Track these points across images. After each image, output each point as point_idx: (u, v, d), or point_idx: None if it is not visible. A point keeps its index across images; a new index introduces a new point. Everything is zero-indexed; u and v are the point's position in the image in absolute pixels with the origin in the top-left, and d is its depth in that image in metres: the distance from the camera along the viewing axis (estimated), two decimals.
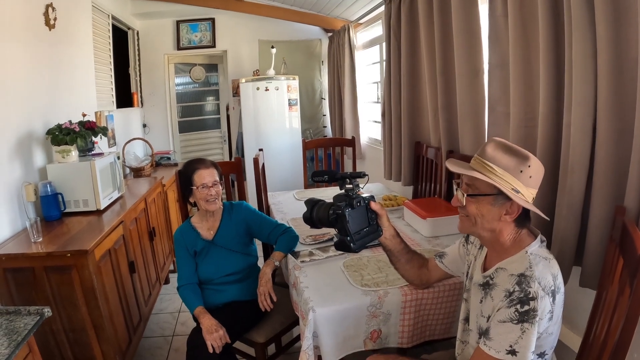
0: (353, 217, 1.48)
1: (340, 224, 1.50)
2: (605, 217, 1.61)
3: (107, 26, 4.49)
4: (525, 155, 1.30)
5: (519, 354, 1.23)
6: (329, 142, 4.53)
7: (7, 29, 2.53)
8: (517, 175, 1.29)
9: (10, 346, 1.42)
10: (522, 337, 1.21)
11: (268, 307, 2.16)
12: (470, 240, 1.63)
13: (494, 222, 1.34)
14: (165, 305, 3.67)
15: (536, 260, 1.27)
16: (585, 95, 1.61)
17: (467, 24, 2.48)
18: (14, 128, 2.55)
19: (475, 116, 2.56)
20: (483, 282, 1.40)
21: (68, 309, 2.20)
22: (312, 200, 1.69)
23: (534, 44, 1.95)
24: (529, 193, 1.30)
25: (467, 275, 1.57)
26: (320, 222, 1.62)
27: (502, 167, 1.30)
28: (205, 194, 2.25)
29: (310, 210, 1.65)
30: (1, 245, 2.26)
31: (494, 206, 1.33)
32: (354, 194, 1.52)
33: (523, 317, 1.20)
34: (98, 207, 2.77)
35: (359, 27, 5.10)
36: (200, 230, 2.35)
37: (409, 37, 3.27)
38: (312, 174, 1.67)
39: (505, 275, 1.30)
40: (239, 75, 5.77)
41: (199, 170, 2.27)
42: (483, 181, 1.33)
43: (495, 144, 1.35)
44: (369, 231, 1.51)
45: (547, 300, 1.22)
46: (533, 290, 1.21)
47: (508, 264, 1.32)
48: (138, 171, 4.35)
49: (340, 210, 1.48)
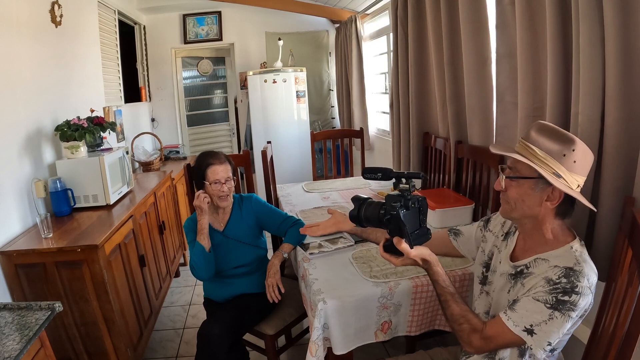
0: (408, 219, 1.42)
1: (395, 226, 1.44)
2: (614, 207, 1.59)
3: (114, 22, 4.49)
4: (570, 139, 1.25)
5: (536, 336, 1.22)
6: (337, 134, 4.51)
7: (13, 27, 2.54)
8: (559, 159, 1.24)
9: (22, 341, 1.44)
10: (547, 322, 1.20)
11: (276, 299, 2.17)
12: (490, 228, 1.60)
13: (534, 207, 1.31)
14: (176, 298, 3.70)
15: (583, 258, 1.25)
16: (593, 84, 1.59)
17: (475, 13, 2.45)
18: (23, 125, 2.57)
19: (483, 106, 2.54)
20: (515, 272, 1.37)
21: (79, 303, 2.23)
22: (359, 198, 1.61)
23: (541, 33, 1.92)
24: (572, 179, 1.25)
25: (487, 268, 1.54)
26: (367, 221, 1.54)
27: (545, 150, 1.26)
28: (218, 190, 2.24)
29: (358, 209, 1.57)
30: (12, 242, 2.29)
31: (535, 191, 1.29)
32: (409, 195, 1.45)
33: (558, 305, 1.19)
34: (108, 202, 2.80)
35: (366, 17, 5.06)
36: (210, 221, 2.34)
37: (416, 27, 3.24)
38: (363, 170, 1.59)
39: (546, 266, 1.27)
40: (246, 68, 5.76)
41: (212, 165, 2.25)
42: (524, 164, 1.29)
43: (540, 126, 1.31)
44: (419, 234, 1.45)
45: (590, 298, 1.21)
46: (581, 285, 1.19)
47: (551, 256, 1.29)
48: (147, 165, 4.38)
49: (395, 212, 1.42)
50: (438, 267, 1.45)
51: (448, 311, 1.42)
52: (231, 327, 2.12)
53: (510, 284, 1.38)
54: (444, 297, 1.43)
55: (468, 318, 1.37)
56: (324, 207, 2.87)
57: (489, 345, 1.33)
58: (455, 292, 1.44)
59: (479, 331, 1.34)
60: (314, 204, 3.01)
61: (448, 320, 1.42)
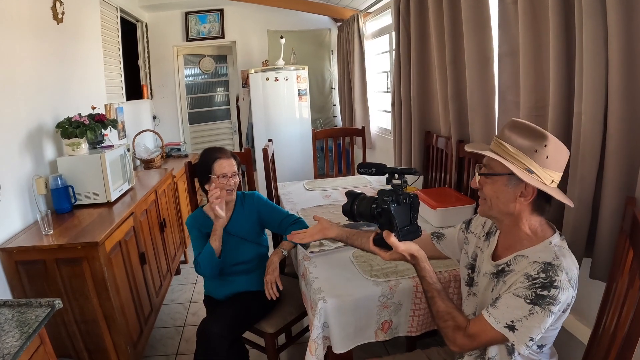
0: (398, 214, 1.45)
1: (386, 219, 1.47)
2: (616, 208, 1.58)
3: (116, 19, 4.49)
4: (542, 135, 1.27)
5: (517, 332, 1.23)
6: (339, 132, 4.51)
7: (15, 24, 2.54)
8: (531, 155, 1.26)
9: (21, 338, 1.44)
10: (528, 318, 1.21)
11: (274, 296, 2.17)
12: (471, 229, 1.62)
13: (509, 204, 1.32)
14: (177, 295, 3.70)
15: (562, 252, 1.26)
16: (596, 83, 1.58)
17: (477, 12, 2.44)
18: (24, 122, 2.57)
19: (485, 105, 2.53)
20: (497, 271, 1.38)
21: (79, 300, 2.23)
22: (353, 193, 1.65)
23: (544, 31, 1.91)
24: (545, 174, 1.26)
25: (472, 269, 1.55)
26: (360, 215, 1.58)
27: (516, 147, 1.28)
28: (225, 184, 2.24)
29: (351, 203, 1.62)
30: (13, 239, 2.29)
31: (508, 187, 1.31)
32: (400, 190, 1.48)
33: (538, 300, 1.20)
34: (108, 199, 2.79)
35: (368, 16, 5.06)
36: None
37: (418, 25, 3.23)
38: (358, 165, 1.61)
39: (526, 262, 1.28)
40: (248, 66, 5.76)
41: (219, 159, 2.26)
42: (497, 161, 1.31)
43: (513, 124, 1.33)
44: (409, 230, 1.47)
45: (571, 292, 1.21)
46: (559, 279, 1.19)
47: (530, 252, 1.30)
48: (148, 163, 4.38)
49: (386, 205, 1.45)
50: (426, 263, 1.47)
51: (434, 308, 1.43)
52: (231, 325, 2.12)
53: (494, 282, 1.39)
54: (431, 293, 1.44)
55: (453, 315, 1.38)
56: (325, 206, 2.87)
57: (472, 343, 1.33)
58: (442, 289, 1.45)
59: (462, 329, 1.35)
60: (315, 202, 3.01)
61: (434, 317, 1.44)
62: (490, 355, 1.37)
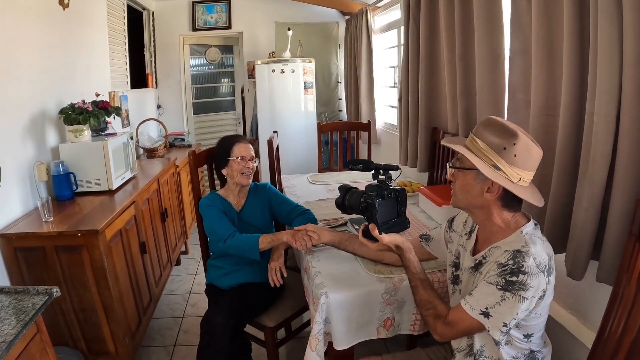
0: (382, 208, 1.54)
1: (369, 213, 1.56)
2: (626, 210, 1.55)
3: (122, 6, 4.46)
4: (512, 133, 1.30)
5: (492, 318, 1.27)
6: (344, 126, 4.47)
7: (20, 9, 2.51)
8: (499, 152, 1.30)
9: (17, 326, 1.42)
10: (501, 304, 1.25)
11: (277, 282, 2.15)
12: (454, 228, 1.66)
13: (477, 197, 1.37)
14: (176, 286, 3.69)
15: (532, 239, 1.29)
16: (610, 84, 1.54)
17: (489, 8, 2.40)
18: (27, 107, 2.55)
19: (494, 103, 2.49)
20: (475, 264, 1.42)
21: (78, 289, 2.22)
22: (345, 187, 1.75)
23: (557, 30, 1.87)
24: (512, 172, 1.30)
25: (457, 267, 1.57)
26: (351, 208, 1.69)
27: (487, 143, 1.32)
28: (243, 167, 2.27)
29: (343, 196, 1.73)
30: (12, 225, 2.27)
31: (476, 182, 1.36)
32: (385, 186, 1.58)
33: (508, 286, 1.24)
34: (110, 187, 2.78)
35: (377, 10, 5.00)
36: (231, 200, 2.37)
37: (428, 21, 3.19)
38: (348, 161, 1.75)
39: (499, 252, 1.32)
40: (254, 57, 5.72)
41: (239, 143, 2.31)
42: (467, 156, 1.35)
43: (487, 121, 1.37)
44: (396, 222, 1.58)
45: (542, 277, 1.24)
46: (527, 264, 1.23)
47: (504, 243, 1.34)
48: (151, 152, 4.36)
49: (371, 200, 1.54)
50: (410, 254, 1.56)
51: (417, 297, 1.50)
52: (235, 316, 2.10)
53: (474, 276, 1.42)
54: (414, 282, 1.52)
55: (434, 304, 1.45)
56: (328, 200, 2.85)
57: (451, 331, 1.39)
58: (426, 279, 1.53)
59: (442, 317, 1.40)
60: (319, 195, 2.99)
61: (417, 306, 1.52)
62: (477, 347, 1.42)
